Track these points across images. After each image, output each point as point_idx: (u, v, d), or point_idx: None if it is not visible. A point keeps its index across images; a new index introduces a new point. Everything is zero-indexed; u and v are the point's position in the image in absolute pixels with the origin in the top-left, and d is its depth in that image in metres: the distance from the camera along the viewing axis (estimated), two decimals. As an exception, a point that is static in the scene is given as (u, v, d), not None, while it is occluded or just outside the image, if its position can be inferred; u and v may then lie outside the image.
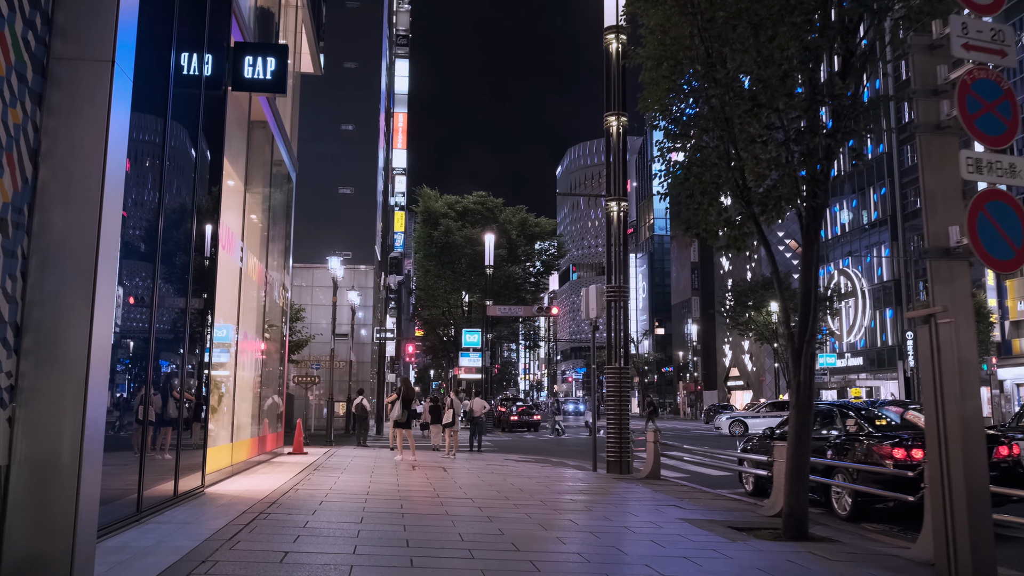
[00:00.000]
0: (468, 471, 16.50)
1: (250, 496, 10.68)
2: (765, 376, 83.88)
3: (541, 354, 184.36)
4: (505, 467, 18.21)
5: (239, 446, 14.35)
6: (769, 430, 14.79)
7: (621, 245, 17.78)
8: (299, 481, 12.99)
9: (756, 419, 38.65)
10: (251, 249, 15.69)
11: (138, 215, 8.34)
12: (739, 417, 39.81)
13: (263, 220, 17.22)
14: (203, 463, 10.80)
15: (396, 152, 59.13)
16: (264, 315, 16.96)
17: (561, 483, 14.65)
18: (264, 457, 17.07)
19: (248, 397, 15.80)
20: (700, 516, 10.43)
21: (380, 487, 12.57)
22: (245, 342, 15.07)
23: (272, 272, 18.78)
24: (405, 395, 19.29)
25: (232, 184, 14.29)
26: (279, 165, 19.68)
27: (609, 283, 17.72)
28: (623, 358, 17.39)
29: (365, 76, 46.34)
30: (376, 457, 20.05)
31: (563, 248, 62.35)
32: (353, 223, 44.02)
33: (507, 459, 21.46)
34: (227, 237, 12.95)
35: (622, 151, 17.94)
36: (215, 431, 13.46)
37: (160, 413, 9.05)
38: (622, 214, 17.85)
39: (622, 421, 16.97)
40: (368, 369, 44.98)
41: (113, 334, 6.64)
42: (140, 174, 8.30)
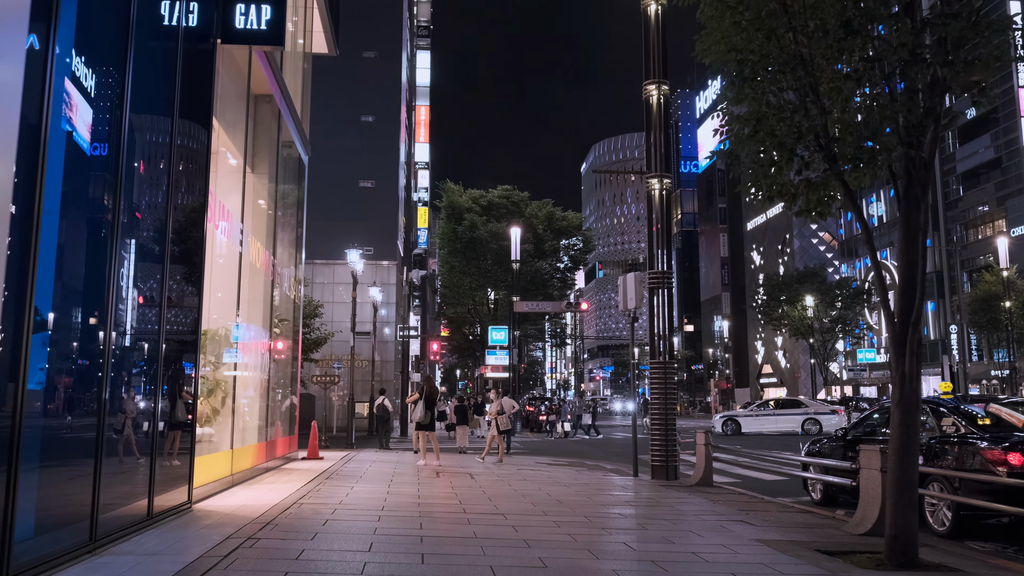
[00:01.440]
0: (498, 478, 14.88)
1: (244, 513, 9.11)
2: (800, 373, 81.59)
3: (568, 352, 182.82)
4: (537, 473, 16.58)
5: (242, 453, 12.79)
6: (842, 430, 13.06)
7: (663, 226, 16.08)
8: (306, 493, 11.42)
9: (750, 418, 37.09)
10: (255, 235, 14.14)
11: (93, 185, 6.81)
12: (733, 416, 38.03)
13: (270, 205, 15.67)
14: (190, 475, 9.24)
15: (418, 146, 57.62)
16: (272, 308, 15.40)
17: (603, 492, 12.98)
18: (275, 463, 15.53)
19: (254, 398, 14.26)
20: (777, 536, 8.73)
21: (398, 500, 10.96)
22: (249, 337, 13.52)
23: (282, 263, 17.24)
24: (428, 394, 17.68)
25: (231, 160, 12.75)
26: (289, 147, 18.14)
27: (651, 268, 16.03)
28: (667, 351, 15.69)
29: (385, 66, 44.81)
30: (397, 462, 18.48)
31: (591, 242, 60.50)
32: (374, 218, 42.52)
33: (538, 463, 19.85)
34: (223, 218, 11.40)
35: (663, 123, 16.23)
36: (212, 436, 11.92)
37: (127, 417, 7.49)
38: (664, 192, 16.15)
39: (667, 421, 15.28)
40: (392, 368, 43.50)
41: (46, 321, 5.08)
42: (97, 133, 6.77)
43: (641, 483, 14.65)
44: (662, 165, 16.18)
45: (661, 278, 15.83)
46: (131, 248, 7.57)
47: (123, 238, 7.24)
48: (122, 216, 7.20)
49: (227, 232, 11.61)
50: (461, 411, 24.41)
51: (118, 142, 7.10)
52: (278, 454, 16.06)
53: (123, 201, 7.20)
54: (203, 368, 11.49)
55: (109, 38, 7.14)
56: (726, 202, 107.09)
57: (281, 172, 17.16)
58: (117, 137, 7.10)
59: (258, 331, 14.45)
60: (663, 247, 16.00)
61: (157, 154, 8.28)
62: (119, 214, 7.08)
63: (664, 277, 15.84)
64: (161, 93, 8.48)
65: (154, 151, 8.23)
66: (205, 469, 10.59)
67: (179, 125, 8.70)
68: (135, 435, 7.79)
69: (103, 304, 6.83)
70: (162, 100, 8.47)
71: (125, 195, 7.27)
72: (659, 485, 14.19)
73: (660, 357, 15.63)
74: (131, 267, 7.60)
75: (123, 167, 7.13)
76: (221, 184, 12.46)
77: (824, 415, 36.51)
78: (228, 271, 12.16)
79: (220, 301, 12.42)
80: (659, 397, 15.41)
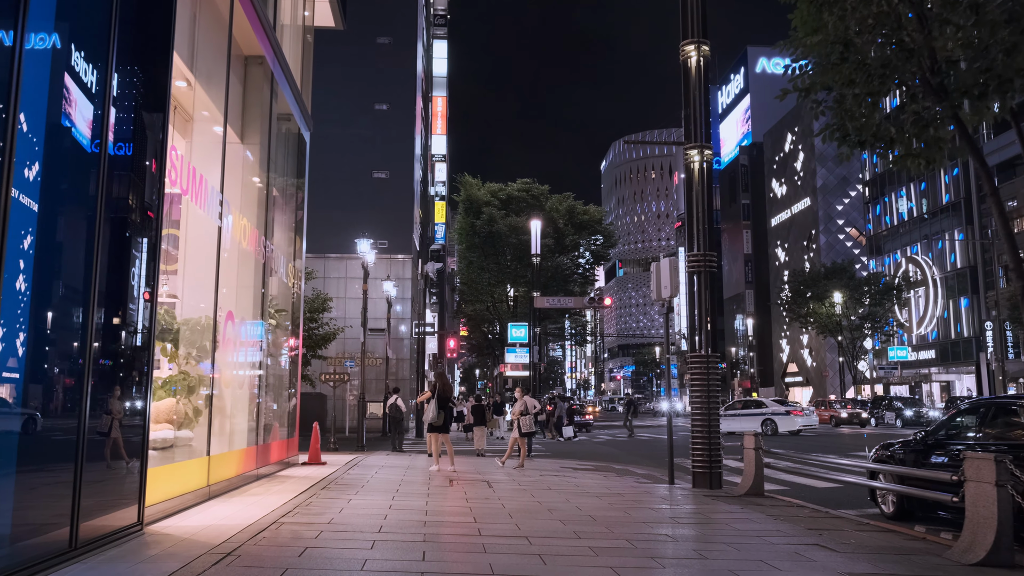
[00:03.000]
0: (519, 487, 13.12)
1: (206, 538, 7.40)
2: (828, 371, 79.29)
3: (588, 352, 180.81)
4: (563, 480, 14.82)
5: (223, 460, 11.10)
6: (921, 433, 11.22)
7: (704, 203, 14.27)
8: (294, 508, 9.70)
9: (723, 419, 33.45)
10: (242, 211, 12.46)
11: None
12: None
13: (263, 180, 13.97)
14: (140, 490, 7.51)
15: (435, 138, 55.90)
16: (266, 296, 13.69)
17: (642, 506, 11.19)
18: (268, 470, 13.84)
19: (241, 397, 12.56)
20: (870, 568, 6.93)
21: (401, 517, 9.22)
22: (233, 326, 11.82)
23: (279, 248, 15.57)
24: (441, 392, 15.93)
25: (207, 118, 11.05)
26: (287, 121, 16.47)
27: (689, 250, 14.23)
28: (710, 343, 13.89)
29: (399, 52, 43.12)
30: (408, 467, 16.76)
31: (612, 237, 58.60)
32: (389, 209, 40.86)
33: (562, 467, 18.10)
34: (194, 183, 9.69)
35: (703, 87, 14.42)
36: (187, 441, 10.24)
37: (36, 424, 5.79)
38: (705, 165, 14.33)
39: (711, 421, 13.49)
40: (407, 367, 41.84)
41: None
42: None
43: (682, 492, 12.86)
44: (703, 134, 14.36)
45: (702, 261, 14.02)
46: (38, 218, 5.85)
47: (21, 201, 5.52)
48: (27, 172, 5.49)
49: (199, 199, 9.90)
50: (479, 411, 22.67)
51: (10, 69, 5.38)
52: (273, 459, 14.36)
53: (16, 147, 5.47)
54: (168, 365, 9.85)
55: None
56: (749, 198, 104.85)
57: (277, 146, 15.48)
58: (8, 64, 5.38)
59: (247, 322, 12.76)
60: (703, 225, 14.19)
61: (76, 90, 6.57)
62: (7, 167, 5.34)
63: (705, 260, 14.04)
64: (92, 11, 6.76)
65: (70, 85, 6.52)
66: (170, 481, 8.91)
67: (117, 54, 6.96)
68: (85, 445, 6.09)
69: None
70: (93, 21, 6.75)
71: (24, 144, 5.56)
72: (703, 495, 12.40)
73: (701, 350, 13.84)
74: (38, 241, 5.88)
75: (14, 99, 5.41)
76: (198, 150, 10.79)
77: (780, 416, 35.90)
78: (201, 248, 10.47)
79: (196, 286, 10.74)
80: (701, 395, 13.62)
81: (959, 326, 62.36)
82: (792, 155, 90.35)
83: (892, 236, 70.85)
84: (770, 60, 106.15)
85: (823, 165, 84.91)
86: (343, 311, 38.83)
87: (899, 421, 47.12)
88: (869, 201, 75.49)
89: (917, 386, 66.06)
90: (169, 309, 10.88)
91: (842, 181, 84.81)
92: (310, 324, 30.10)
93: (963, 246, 61.70)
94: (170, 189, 8.59)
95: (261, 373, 13.94)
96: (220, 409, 11.83)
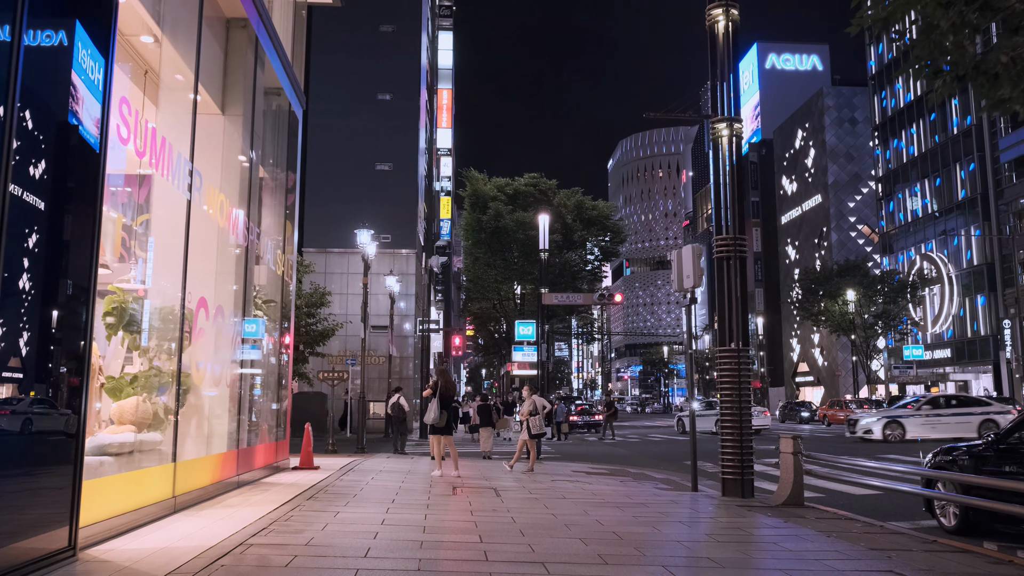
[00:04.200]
0: (530, 496, 11.80)
1: (150, 566, 6.05)
2: (840, 371, 77.74)
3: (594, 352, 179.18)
4: (577, 486, 13.49)
5: (194, 466, 9.77)
6: (991, 436, 9.87)
7: (734, 180, 12.92)
8: (271, 523, 8.38)
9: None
10: (221, 188, 11.15)
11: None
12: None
13: (247, 157, 12.62)
14: (72, 508, 6.14)
15: (440, 131, 54.57)
16: (248, 282, 12.34)
17: (670, 518, 9.84)
18: (252, 476, 12.52)
19: (219, 395, 11.23)
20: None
21: (394, 534, 7.90)
22: (209, 316, 10.50)
23: (266, 232, 14.27)
24: (443, 390, 14.59)
25: (180, 83, 9.74)
26: (277, 96, 15.17)
27: (718, 234, 12.88)
28: (740, 336, 12.54)
29: (403, 41, 41.76)
30: (408, 472, 15.44)
31: (622, 233, 57.11)
32: (392, 203, 39.54)
33: (574, 471, 16.79)
34: (153, 146, 8.36)
35: (731, 55, 13.07)
36: (148, 446, 8.93)
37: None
38: (735, 139, 12.98)
39: (743, 422, 12.14)
40: (411, 366, 40.53)
41: None
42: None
43: (710, 502, 11.52)
44: (731, 106, 13.01)
45: (732, 245, 12.67)
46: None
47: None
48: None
49: (164, 168, 8.57)
50: (485, 411, 21.34)
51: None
52: (258, 464, 13.04)
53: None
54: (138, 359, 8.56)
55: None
56: (759, 195, 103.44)
57: (266, 123, 14.19)
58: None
59: (227, 311, 11.44)
60: (733, 206, 12.84)
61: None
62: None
63: (736, 244, 12.68)
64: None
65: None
66: (124, 493, 7.60)
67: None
68: None
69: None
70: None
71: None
72: (736, 506, 11.05)
73: (732, 344, 12.48)
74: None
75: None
76: (166, 114, 9.47)
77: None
78: (166, 221, 9.16)
79: (168, 271, 9.44)
80: (731, 393, 12.28)
81: (975, 324, 60.84)
82: (803, 151, 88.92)
83: (906, 233, 69.32)
84: (780, 56, 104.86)
85: (834, 161, 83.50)
86: (345, 308, 37.56)
87: (918, 421, 45.69)
88: (882, 198, 73.96)
89: (934, 385, 64.50)
90: (138, 296, 9.60)
91: (854, 178, 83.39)
92: (308, 320, 28.81)
93: (980, 243, 60.16)
94: (121, 146, 7.27)
95: (246, 369, 12.64)
96: (196, 408, 10.53)
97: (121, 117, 7.24)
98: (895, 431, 27.71)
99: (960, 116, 61.48)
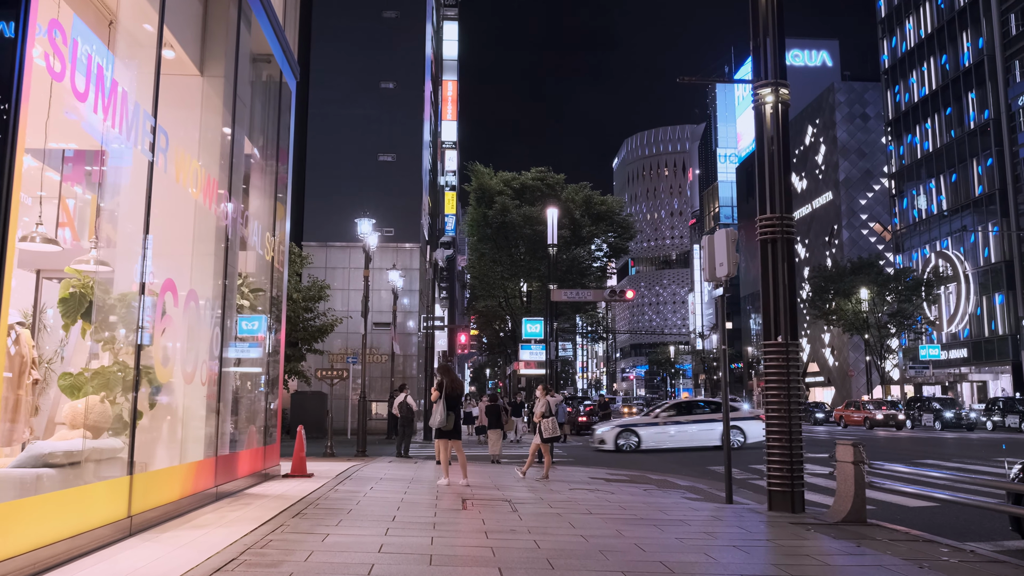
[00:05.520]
0: (550, 509, 10.30)
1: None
2: (852, 371, 76.12)
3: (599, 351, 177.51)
4: (600, 497, 12.02)
5: (157, 479, 8.29)
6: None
7: (779, 152, 11.42)
8: (244, 550, 6.88)
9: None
10: (199, 157, 9.68)
11: None
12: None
13: (229, 124, 11.10)
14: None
15: (446, 124, 53.05)
16: (228, 265, 10.78)
17: (718, 540, 8.35)
18: (234, 486, 11.03)
19: (194, 395, 9.73)
20: None
21: (394, 567, 6.40)
22: (177, 301, 8.98)
23: (253, 213, 12.81)
24: (449, 390, 13.10)
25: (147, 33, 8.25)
26: (266, 62, 13.69)
27: (762, 213, 11.38)
28: (789, 329, 11.03)
29: (407, 27, 40.25)
30: (412, 480, 13.95)
31: (631, 229, 55.50)
32: (395, 195, 38.05)
33: (592, 478, 15.36)
34: (100, 89, 6.86)
35: (776, 9, 11.58)
36: (106, 455, 7.47)
37: None
38: (780, 106, 11.47)
39: (792, 426, 10.64)
40: (415, 364, 39.06)
41: None
42: None
43: (757, 518, 10.02)
44: (776, 68, 11.50)
45: (778, 225, 11.16)
46: None
47: None
48: None
49: (116, 120, 7.08)
50: (494, 411, 19.85)
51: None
52: (242, 472, 11.54)
53: None
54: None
55: None
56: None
57: (252, 91, 12.73)
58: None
59: (200, 296, 9.94)
60: (779, 181, 11.33)
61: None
62: None
63: (783, 224, 11.17)
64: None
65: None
66: (58, 515, 6.13)
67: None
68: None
69: None
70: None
71: None
72: (789, 523, 9.55)
73: (779, 337, 10.99)
74: None
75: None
76: (124, 61, 7.98)
77: None
78: (126, 193, 7.69)
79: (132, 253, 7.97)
80: (779, 393, 10.78)
81: (993, 323, 59.25)
82: (813, 148, 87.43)
83: (920, 230, 67.76)
84: (789, 52, 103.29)
85: (846, 158, 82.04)
86: (346, 304, 36.14)
87: (938, 423, 44.24)
88: (895, 194, 72.37)
89: (951, 386, 62.96)
90: (102, 282, 8.15)
91: (865, 174, 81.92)
92: (305, 315, 27.36)
93: (998, 240, 58.54)
94: (55, 82, 5.79)
95: (229, 367, 11.15)
96: (165, 410, 9.07)
97: (52, 45, 5.77)
98: (628, 440, 25.25)
99: (977, 110, 59.90)
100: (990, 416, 42.92)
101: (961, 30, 61.54)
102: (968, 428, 43.27)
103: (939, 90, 64.33)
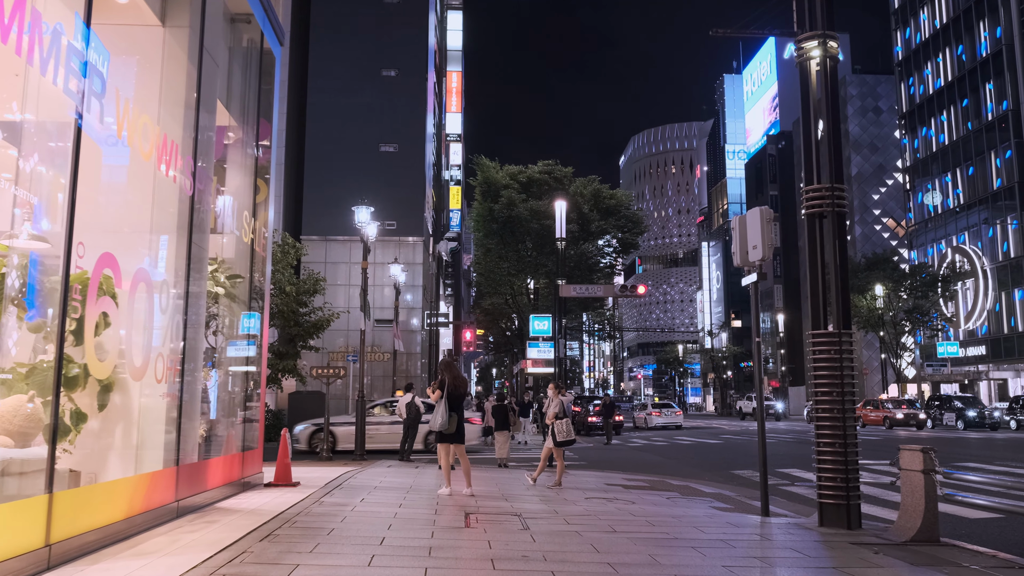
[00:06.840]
0: (567, 527, 8.85)
1: None
2: (867, 369, 74.51)
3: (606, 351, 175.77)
4: (622, 508, 10.58)
5: (92, 495, 6.84)
6: None
7: (828, 113, 9.95)
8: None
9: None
10: (160, 120, 8.24)
11: None
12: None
13: (193, 79, 9.57)
14: None
15: (450, 116, 51.56)
16: (192, 245, 9.26)
17: (774, 569, 6.88)
18: (202, 499, 9.57)
19: (149, 394, 8.29)
20: None
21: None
22: (119, 282, 7.51)
23: (231, 189, 11.39)
24: (452, 388, 11.66)
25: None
26: (246, 22, 12.24)
27: (808, 184, 9.93)
28: (842, 317, 9.55)
29: (409, 13, 38.82)
30: (410, 489, 12.49)
31: (641, 223, 53.98)
32: (398, 187, 36.61)
33: (609, 485, 13.96)
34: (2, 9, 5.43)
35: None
36: (31, 466, 6.03)
37: None
38: (829, 61, 10.00)
39: (847, 427, 9.16)
40: (418, 363, 37.62)
41: None
42: None
43: (809, 535, 8.55)
44: (824, 18, 10.03)
45: (828, 197, 9.69)
46: None
47: None
48: None
49: (22, 44, 5.63)
50: (501, 412, 18.41)
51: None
52: (214, 483, 10.08)
53: None
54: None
55: None
56: (777, 189, 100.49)
57: (226, 49, 11.28)
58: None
59: (154, 278, 8.49)
60: (828, 146, 9.86)
61: None
62: None
63: (833, 196, 9.69)
64: None
65: None
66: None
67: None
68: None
69: None
70: None
71: None
72: (849, 543, 8.08)
73: (830, 326, 9.52)
74: None
75: None
76: None
77: None
78: (46, 145, 6.24)
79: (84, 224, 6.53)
80: (831, 389, 9.30)
81: (1013, 320, 57.57)
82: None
83: (936, 225, 66.10)
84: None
85: (858, 152, 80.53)
86: (347, 300, 34.74)
87: (960, 422, 42.74)
88: (909, 188, 70.73)
89: (970, 384, 61.31)
90: (42, 261, 6.74)
91: (878, 169, 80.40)
92: (300, 309, 25.93)
93: (1017, 234, 56.86)
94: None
95: (196, 362, 9.70)
96: (120, 412, 7.66)
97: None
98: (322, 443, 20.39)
99: (995, 101, 58.25)
100: (1014, 415, 41.37)
101: (978, 19, 59.89)
102: (992, 428, 41.77)
103: (955, 81, 62.70)
